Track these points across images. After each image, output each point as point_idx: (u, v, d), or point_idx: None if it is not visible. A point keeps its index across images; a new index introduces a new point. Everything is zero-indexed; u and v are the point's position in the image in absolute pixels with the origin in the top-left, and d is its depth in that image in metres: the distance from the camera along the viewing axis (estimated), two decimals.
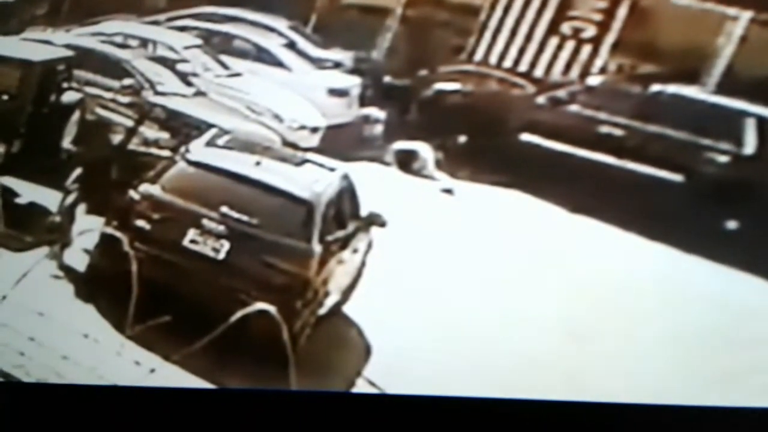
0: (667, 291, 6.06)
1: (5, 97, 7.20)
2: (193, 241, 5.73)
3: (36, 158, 7.03)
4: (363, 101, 8.33)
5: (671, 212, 6.66)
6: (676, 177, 7.03)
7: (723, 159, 7.01)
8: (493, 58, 8.36)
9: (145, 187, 5.94)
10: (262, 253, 5.63)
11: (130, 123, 7.40)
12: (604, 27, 7.89)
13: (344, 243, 6.06)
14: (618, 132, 7.37)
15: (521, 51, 8.26)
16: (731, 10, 7.36)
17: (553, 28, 8.12)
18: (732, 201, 6.63)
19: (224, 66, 8.37)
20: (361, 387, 5.46)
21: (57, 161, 7.14)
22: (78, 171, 6.60)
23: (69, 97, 7.54)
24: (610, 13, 7.88)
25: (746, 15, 7.33)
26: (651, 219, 6.66)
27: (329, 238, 5.85)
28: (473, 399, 5.03)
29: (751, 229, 6.49)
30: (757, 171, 6.84)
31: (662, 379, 5.35)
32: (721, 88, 7.23)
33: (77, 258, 6.19)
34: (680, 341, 5.63)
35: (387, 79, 8.40)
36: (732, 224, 6.63)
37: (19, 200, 6.81)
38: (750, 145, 6.98)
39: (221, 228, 5.72)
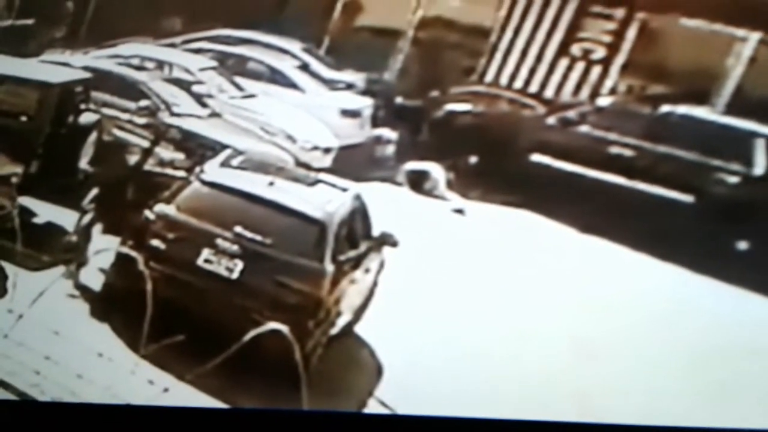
0: (677, 311, 6.05)
1: (24, 118, 7.30)
2: (207, 261, 5.78)
3: (53, 178, 7.12)
4: (375, 122, 8.41)
5: (681, 232, 6.66)
6: (687, 197, 7.04)
7: (733, 179, 7.01)
8: (504, 79, 8.42)
9: (160, 207, 5.99)
10: (275, 273, 5.66)
11: (146, 144, 7.49)
12: (613, 48, 7.94)
13: (356, 263, 6.08)
14: (628, 152, 7.39)
15: (531, 72, 8.32)
16: (740, 32, 7.39)
17: (563, 50, 8.18)
18: (742, 221, 6.62)
19: (239, 87, 8.48)
20: (372, 407, 5.47)
21: (74, 181, 7.23)
22: (94, 191, 6.66)
23: (86, 118, 7.64)
24: (619, 35, 7.93)
25: (755, 36, 7.36)
26: (661, 239, 6.66)
27: (341, 257, 5.88)
28: (484, 420, 5.02)
29: (761, 249, 6.48)
30: (767, 191, 6.84)
31: (673, 400, 5.33)
32: (731, 109, 7.25)
33: (93, 277, 6.25)
34: (690, 361, 5.61)
35: (399, 100, 8.48)
36: (742, 244, 6.62)
37: (36, 220, 6.90)
38: (760, 166, 6.99)
39: (235, 248, 5.77)
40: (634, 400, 5.32)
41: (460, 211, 7.62)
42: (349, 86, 8.66)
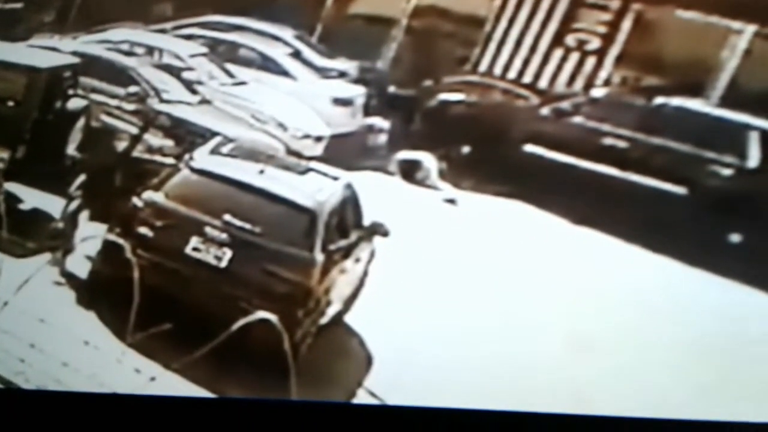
0: (670, 304, 6.05)
1: (11, 103, 7.23)
2: (195, 249, 5.74)
3: (40, 164, 7.06)
4: (367, 111, 8.36)
5: (675, 225, 6.66)
6: (680, 189, 7.03)
7: (726, 172, 7.00)
8: (498, 69, 8.38)
9: (148, 195, 5.95)
10: (264, 262, 5.63)
11: (134, 130, 7.43)
12: (608, 39, 7.91)
13: (347, 252, 6.05)
14: (622, 144, 7.37)
15: (525, 62, 8.28)
16: (735, 24, 7.37)
17: (557, 40, 8.14)
18: (735, 214, 6.62)
19: (229, 74, 8.41)
20: (361, 398, 5.45)
21: (61, 167, 7.16)
22: (82, 177, 6.62)
23: (74, 103, 7.57)
24: (614, 26, 7.90)
25: (750, 28, 7.34)
26: (654, 231, 6.65)
27: (332, 247, 5.85)
28: (475, 411, 5.01)
29: (754, 242, 6.48)
30: (761, 184, 6.83)
31: (665, 393, 5.33)
32: (725, 101, 7.24)
33: (79, 265, 6.20)
34: (683, 354, 5.61)
35: (391, 89, 8.43)
36: (735, 237, 6.62)
37: (22, 206, 6.83)
38: (753, 158, 6.98)
39: (224, 236, 5.73)
40: (628, 392, 5.32)
41: (452, 201, 7.59)
42: (342, 74, 8.60)
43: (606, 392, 5.33)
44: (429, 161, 7.73)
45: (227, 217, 5.77)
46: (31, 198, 6.87)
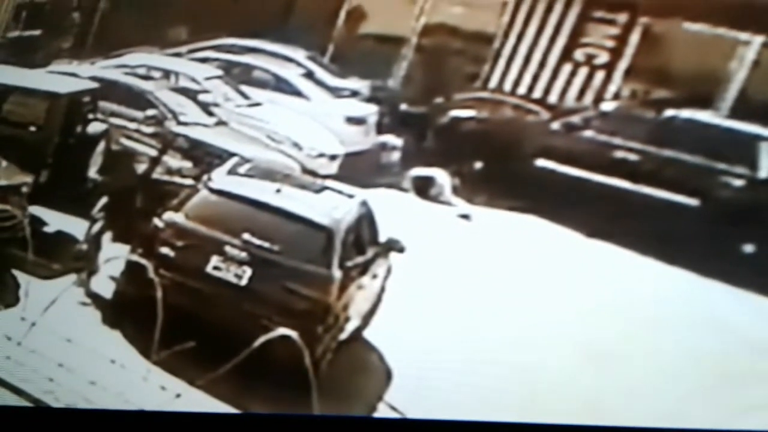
0: (684, 315, 6.07)
1: (33, 129, 7.38)
2: (216, 268, 5.83)
3: (63, 188, 7.19)
4: (380, 129, 8.44)
5: (687, 236, 6.68)
6: (692, 201, 7.06)
7: (738, 183, 7.03)
8: (508, 85, 8.45)
9: (168, 215, 6.05)
10: (283, 279, 5.71)
11: (153, 152, 7.55)
12: (616, 53, 7.97)
13: (364, 268, 6.13)
14: (633, 157, 7.42)
15: (535, 78, 8.35)
16: (743, 35, 7.42)
17: (566, 55, 8.21)
18: (748, 224, 6.64)
19: (244, 96, 8.53)
20: (382, 411, 5.50)
21: (83, 190, 7.29)
22: (104, 200, 6.73)
23: (94, 127, 7.71)
24: (622, 40, 7.96)
25: (758, 39, 7.38)
26: (667, 243, 6.68)
27: (349, 263, 5.92)
28: (493, 423, 5.05)
29: (767, 252, 6.50)
30: None
31: (679, 403, 5.35)
32: (735, 113, 7.27)
33: (104, 285, 6.31)
34: (697, 364, 5.63)
35: (403, 106, 8.52)
36: (748, 248, 6.64)
37: (47, 229, 6.96)
38: (765, 169, 7.01)
39: (243, 254, 5.81)
40: (643, 404, 5.35)
41: (466, 217, 7.65)
42: (354, 93, 8.70)
43: (621, 403, 5.36)
44: (442, 177, 7.80)
45: (246, 236, 5.86)
46: (55, 221, 7.00)
